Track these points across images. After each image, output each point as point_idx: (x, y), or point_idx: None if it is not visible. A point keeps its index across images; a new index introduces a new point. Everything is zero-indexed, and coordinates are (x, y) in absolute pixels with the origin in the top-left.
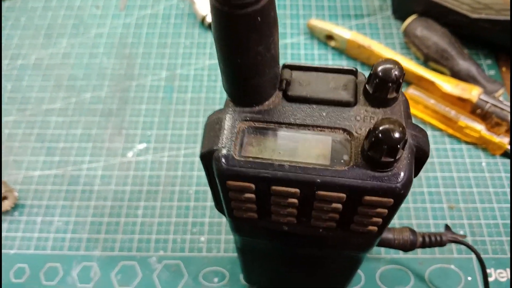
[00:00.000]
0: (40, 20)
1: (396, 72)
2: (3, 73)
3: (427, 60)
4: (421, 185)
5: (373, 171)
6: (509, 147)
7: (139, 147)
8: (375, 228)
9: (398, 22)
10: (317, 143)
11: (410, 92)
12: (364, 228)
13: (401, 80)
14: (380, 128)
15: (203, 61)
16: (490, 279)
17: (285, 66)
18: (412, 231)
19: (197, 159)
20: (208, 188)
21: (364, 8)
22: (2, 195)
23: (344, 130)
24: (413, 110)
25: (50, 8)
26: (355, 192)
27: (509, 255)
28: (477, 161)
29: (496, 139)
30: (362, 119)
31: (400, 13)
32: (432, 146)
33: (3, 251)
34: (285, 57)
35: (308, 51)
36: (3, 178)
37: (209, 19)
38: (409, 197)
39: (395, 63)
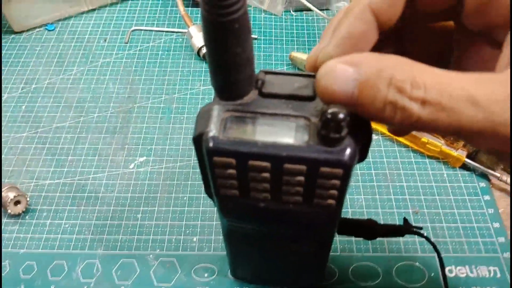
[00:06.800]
0: (53, 50)
1: None
2: (18, 95)
3: None
4: (389, 193)
5: (325, 147)
6: (466, 159)
7: (140, 159)
8: (333, 201)
9: None
10: (284, 127)
11: None
12: (324, 201)
13: None
14: (328, 110)
15: (198, 87)
16: (451, 275)
17: (261, 72)
18: (375, 222)
19: (192, 170)
20: (200, 195)
21: None
22: (16, 199)
23: (305, 117)
24: (382, 129)
25: (62, 40)
26: (312, 163)
27: (468, 254)
28: (439, 172)
29: (455, 153)
30: (320, 109)
31: None
32: (398, 159)
33: (13, 250)
34: None
35: None
36: (17, 185)
37: (204, 50)
38: (378, 202)
39: None
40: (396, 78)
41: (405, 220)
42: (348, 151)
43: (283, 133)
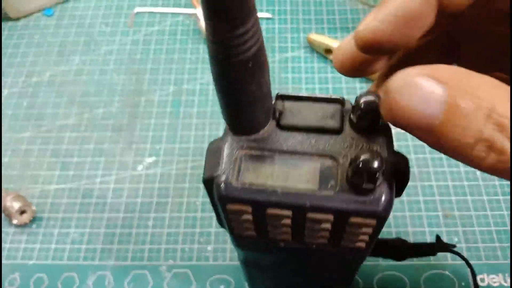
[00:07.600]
0: (52, 38)
1: (377, 104)
2: (19, 90)
3: None
4: (417, 194)
5: (356, 196)
6: None
7: (149, 160)
8: (363, 245)
9: None
10: (307, 169)
11: None
12: (353, 244)
13: None
14: (360, 158)
15: (208, 76)
16: (483, 284)
17: (278, 97)
18: (404, 241)
19: None
20: None
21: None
22: (21, 209)
23: (331, 156)
24: None
25: (61, 26)
26: (341, 214)
27: (501, 261)
28: (472, 169)
29: None
30: (348, 146)
31: None
32: (427, 155)
33: (22, 261)
34: (286, 70)
35: (308, 64)
36: (21, 193)
37: None
38: (405, 205)
39: (376, 95)
40: (497, 110)
41: (438, 237)
42: (383, 200)
43: (305, 177)
